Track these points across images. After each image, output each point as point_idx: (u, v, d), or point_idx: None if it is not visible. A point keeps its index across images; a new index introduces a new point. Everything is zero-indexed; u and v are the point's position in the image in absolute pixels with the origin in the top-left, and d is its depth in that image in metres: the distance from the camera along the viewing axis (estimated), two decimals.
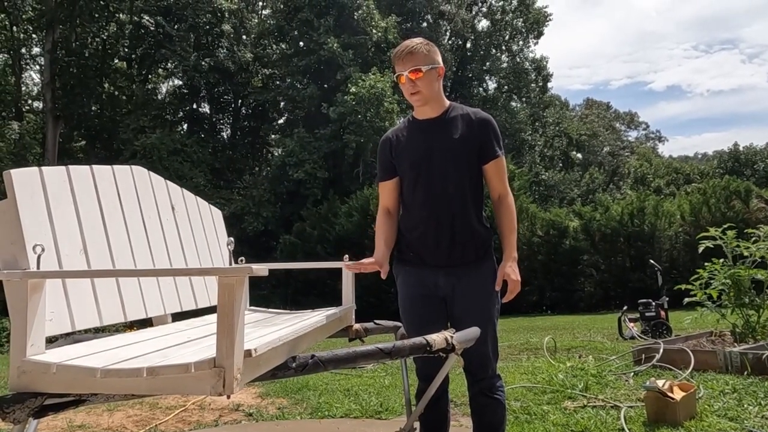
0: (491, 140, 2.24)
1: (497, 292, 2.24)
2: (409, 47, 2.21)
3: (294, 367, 1.62)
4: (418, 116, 2.31)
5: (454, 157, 2.20)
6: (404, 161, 2.28)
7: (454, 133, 2.22)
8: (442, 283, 2.24)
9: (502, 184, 2.27)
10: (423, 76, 2.18)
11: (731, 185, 15.09)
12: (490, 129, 2.25)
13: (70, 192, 1.60)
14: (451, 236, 2.20)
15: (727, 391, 3.67)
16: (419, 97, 2.21)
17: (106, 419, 3.87)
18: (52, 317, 1.41)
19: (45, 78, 21.97)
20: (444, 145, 2.21)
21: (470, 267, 2.23)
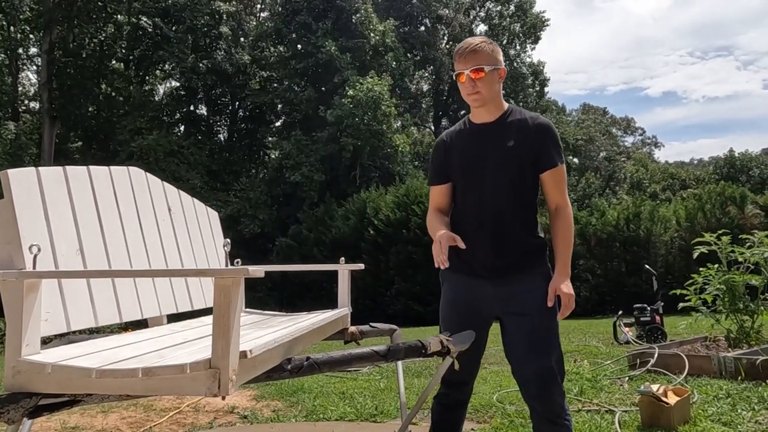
0: (549, 148, 2.11)
1: (555, 305, 2.10)
2: (473, 45, 2.10)
3: (289, 369, 1.62)
4: (474, 119, 2.21)
5: (507, 166, 2.09)
6: (456, 167, 2.19)
7: (508, 140, 2.10)
8: (490, 295, 2.12)
9: (561, 195, 2.14)
10: (484, 77, 2.07)
11: (727, 191, 15.15)
12: (549, 136, 2.12)
13: (67, 192, 1.61)
14: (501, 248, 2.10)
15: (721, 396, 3.68)
16: (478, 98, 2.10)
17: (100, 421, 3.86)
18: (47, 317, 1.41)
19: (42, 78, 21.94)
20: (497, 152, 2.11)
21: (523, 280, 2.11)
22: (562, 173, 2.14)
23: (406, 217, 15.66)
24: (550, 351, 2.07)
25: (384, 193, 17.18)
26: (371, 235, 16.04)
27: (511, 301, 2.09)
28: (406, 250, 15.24)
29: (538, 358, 2.05)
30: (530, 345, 2.07)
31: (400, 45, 24.88)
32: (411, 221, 15.49)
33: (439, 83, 29.45)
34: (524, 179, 2.12)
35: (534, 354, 2.06)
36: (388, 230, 15.79)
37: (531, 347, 2.07)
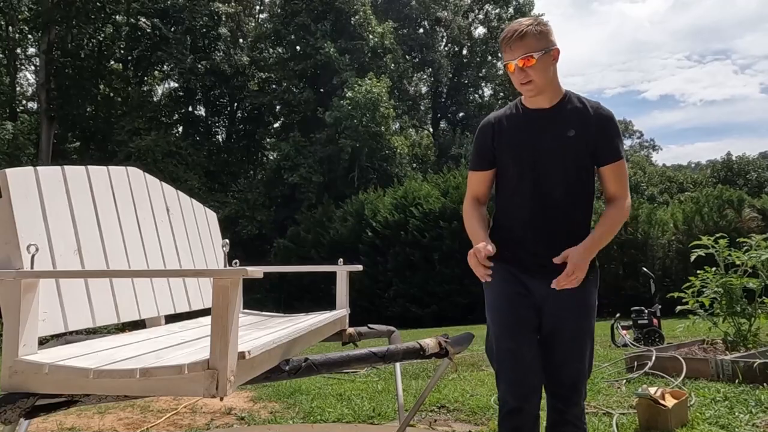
0: (611, 140, 1.96)
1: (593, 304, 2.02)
2: (519, 31, 1.90)
3: (287, 370, 1.62)
4: (528, 104, 2.02)
5: (564, 157, 1.95)
6: (507, 154, 2.02)
7: (567, 130, 1.95)
8: (535, 289, 1.98)
9: (622, 189, 2.00)
10: (536, 63, 1.88)
11: (724, 194, 15.20)
12: (611, 127, 1.98)
13: (65, 192, 1.60)
14: (551, 243, 1.94)
15: (718, 399, 3.68)
16: (532, 87, 1.93)
17: (96, 422, 3.85)
18: (45, 317, 1.41)
19: (40, 78, 21.92)
20: (557, 141, 1.95)
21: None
22: (623, 167, 2.00)
23: (404, 218, 15.66)
24: (585, 354, 1.99)
25: (382, 194, 17.18)
26: (369, 236, 16.04)
27: (554, 295, 1.93)
28: (404, 251, 15.23)
29: (573, 362, 1.96)
30: (567, 348, 1.97)
31: (398, 47, 24.92)
32: (409, 223, 15.48)
33: (438, 85, 29.48)
34: (583, 171, 1.98)
35: (570, 357, 1.96)
36: (386, 232, 15.78)
37: (568, 350, 1.97)
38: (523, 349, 1.95)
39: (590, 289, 2.00)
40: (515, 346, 1.96)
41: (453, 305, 14.13)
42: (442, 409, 3.88)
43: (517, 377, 1.96)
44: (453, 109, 30.08)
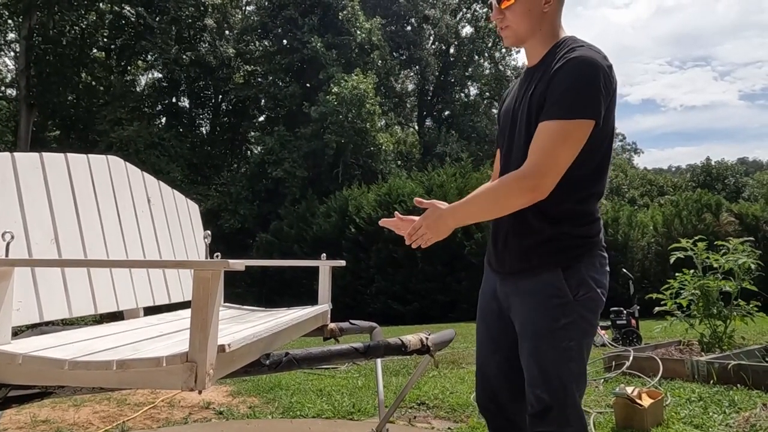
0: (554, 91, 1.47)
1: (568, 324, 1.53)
2: None
3: (268, 365, 1.60)
4: (528, 63, 1.68)
5: (525, 124, 1.55)
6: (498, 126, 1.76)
7: (531, 88, 1.56)
8: (501, 293, 1.67)
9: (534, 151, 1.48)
10: (514, 5, 1.55)
11: (703, 198, 15.43)
12: (563, 74, 1.47)
13: (43, 179, 1.57)
14: (505, 232, 1.60)
15: (693, 399, 3.74)
16: (509, 34, 1.60)
17: (71, 415, 3.79)
18: (19, 307, 1.38)
19: (20, 65, 21.49)
20: (519, 107, 1.60)
21: (528, 278, 1.57)
22: (552, 127, 1.45)
23: (387, 215, 15.51)
24: (547, 382, 1.53)
25: (366, 191, 17.15)
26: (352, 233, 16.01)
27: (512, 307, 1.62)
28: (387, 248, 15.23)
29: (530, 387, 1.55)
30: (525, 367, 1.59)
31: (386, 44, 24.88)
32: None
33: (425, 83, 29.51)
34: None
35: (527, 380, 1.57)
36: (370, 228, 15.76)
37: (525, 370, 1.58)
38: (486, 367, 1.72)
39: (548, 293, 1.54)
40: (480, 362, 1.75)
41: (434, 303, 14.18)
42: (422, 406, 3.89)
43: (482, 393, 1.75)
44: (439, 108, 30.14)
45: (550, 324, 1.53)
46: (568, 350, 1.53)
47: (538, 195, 1.46)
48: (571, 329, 1.53)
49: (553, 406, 1.52)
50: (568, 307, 1.53)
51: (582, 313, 1.54)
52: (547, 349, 1.53)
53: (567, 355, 1.53)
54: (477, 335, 1.77)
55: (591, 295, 1.54)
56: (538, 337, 1.54)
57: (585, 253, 1.57)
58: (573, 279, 1.53)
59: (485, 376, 1.73)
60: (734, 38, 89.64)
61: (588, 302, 1.54)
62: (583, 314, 1.54)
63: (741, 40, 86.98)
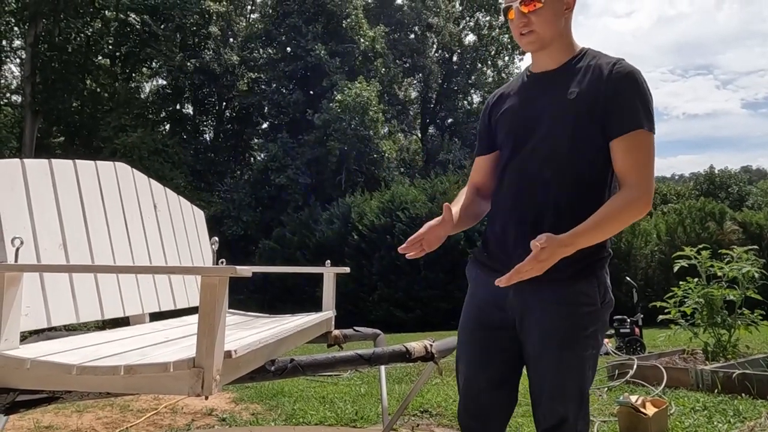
0: (626, 103, 1.46)
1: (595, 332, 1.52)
2: None
3: (273, 371, 1.61)
4: (534, 68, 1.63)
5: (560, 126, 1.50)
6: (502, 129, 1.64)
7: (569, 90, 1.50)
8: (512, 302, 1.56)
9: (635, 170, 1.45)
10: (542, 8, 1.50)
11: (706, 207, 15.41)
12: (630, 87, 1.47)
13: (52, 186, 1.58)
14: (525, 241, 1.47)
15: (697, 408, 3.73)
16: (533, 39, 1.54)
17: (75, 420, 3.79)
18: (27, 312, 1.39)
19: (25, 71, 21.62)
20: (549, 107, 1.53)
21: (554, 287, 1.49)
22: (642, 142, 1.45)
23: (390, 222, 15.66)
24: (567, 395, 1.50)
25: (369, 198, 17.18)
26: (355, 240, 16.02)
27: (531, 310, 1.53)
28: (389, 255, 15.23)
29: (550, 402, 1.51)
30: (542, 380, 1.53)
31: (389, 51, 24.97)
32: (395, 227, 15.49)
33: (428, 91, 29.59)
34: (587, 146, 1.50)
35: (546, 394, 1.52)
36: (372, 235, 15.77)
37: (543, 383, 1.53)
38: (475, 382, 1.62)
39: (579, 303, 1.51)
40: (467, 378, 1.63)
41: (437, 310, 14.16)
42: (424, 414, 3.88)
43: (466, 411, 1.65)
44: (442, 115, 30.20)
45: (579, 333, 1.50)
46: (590, 358, 1.54)
47: (647, 210, 1.49)
48: (594, 337, 1.54)
49: (569, 417, 1.51)
50: (595, 315, 1.53)
51: (604, 320, 1.57)
52: (572, 359, 1.50)
53: (588, 363, 1.53)
54: (463, 348, 1.66)
55: (609, 301, 1.56)
56: (565, 346, 1.49)
57: (606, 259, 1.57)
58: (602, 286, 1.54)
59: (472, 393, 1.62)
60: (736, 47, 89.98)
61: (608, 308, 1.56)
62: (605, 320, 1.57)
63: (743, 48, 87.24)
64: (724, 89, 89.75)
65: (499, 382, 1.61)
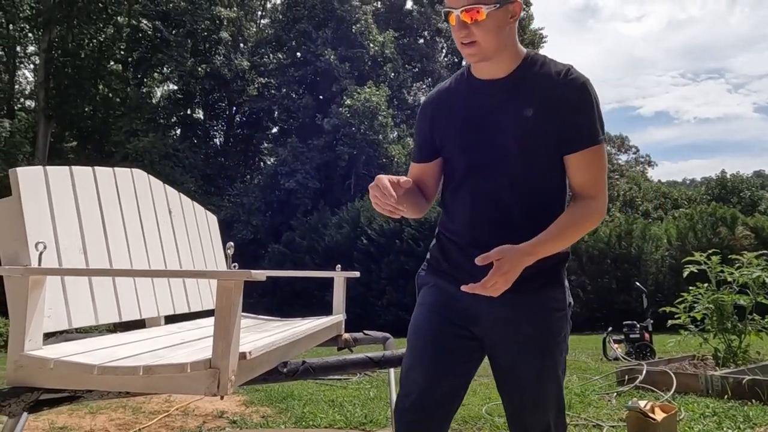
0: (586, 119, 1.44)
1: (565, 335, 1.55)
2: None
3: (285, 372, 1.65)
4: (478, 74, 1.53)
5: (517, 146, 1.46)
6: (451, 141, 1.56)
7: (525, 107, 1.46)
8: (484, 313, 1.52)
9: (592, 183, 1.47)
10: (485, 20, 1.40)
11: (718, 212, 15.30)
12: (582, 99, 1.45)
13: (72, 192, 1.63)
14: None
15: (707, 414, 3.72)
16: (474, 51, 1.44)
17: (88, 422, 3.85)
18: (50, 314, 1.43)
19: (39, 77, 21.91)
20: (510, 124, 1.47)
21: (527, 296, 1.50)
22: (597, 156, 1.45)
23: (399, 227, 15.70)
24: (548, 402, 1.52)
25: None
26: (364, 244, 16.06)
27: (507, 321, 1.51)
28: (398, 260, 15.26)
29: (533, 413, 1.52)
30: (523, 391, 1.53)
31: (398, 56, 25.04)
32: (404, 232, 15.52)
33: None
34: (545, 163, 1.49)
35: (528, 405, 1.53)
36: (381, 240, 15.81)
37: (523, 394, 1.53)
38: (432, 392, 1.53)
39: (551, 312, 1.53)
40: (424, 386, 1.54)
41: None
42: None
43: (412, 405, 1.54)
44: None
45: (555, 338, 1.52)
46: (563, 362, 1.55)
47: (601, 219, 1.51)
48: (566, 340, 1.57)
49: (551, 426, 1.52)
50: (566, 318, 1.56)
51: (570, 323, 1.58)
52: (550, 366, 1.51)
53: (561, 367, 1.55)
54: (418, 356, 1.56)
55: (571, 302, 1.59)
56: (544, 354, 1.50)
57: (567, 261, 1.60)
58: (566, 289, 1.57)
59: (426, 402, 1.52)
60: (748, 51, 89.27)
61: (570, 311, 1.58)
62: (570, 324, 1.58)
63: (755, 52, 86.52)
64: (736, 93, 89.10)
65: (458, 391, 1.58)
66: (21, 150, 21.03)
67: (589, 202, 1.46)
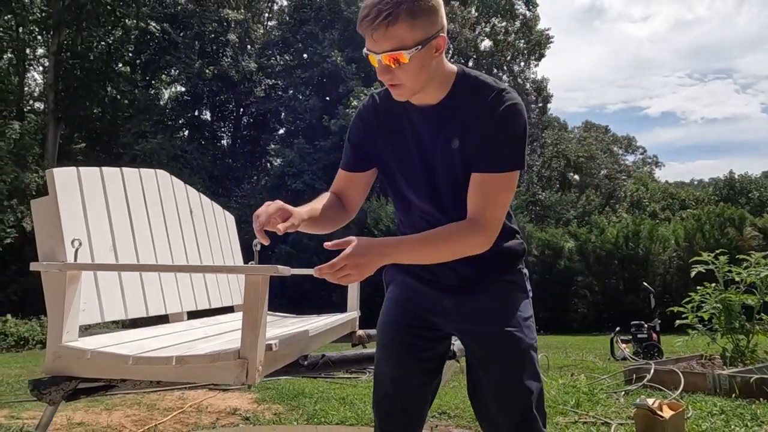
0: (500, 144, 1.41)
1: (531, 318, 1.57)
2: (386, 13, 1.29)
3: (306, 365, 1.71)
4: (413, 100, 1.48)
5: (454, 176, 1.48)
6: (386, 159, 1.57)
7: (453, 137, 1.45)
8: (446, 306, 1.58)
9: (481, 206, 1.43)
10: (408, 63, 1.34)
11: (726, 212, 15.28)
12: (499, 126, 1.41)
13: (103, 192, 1.70)
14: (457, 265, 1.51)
15: (715, 412, 3.75)
16: (402, 92, 1.42)
17: (105, 418, 3.93)
18: (84, 308, 1.50)
19: (48, 79, 22.09)
20: (442, 154, 1.48)
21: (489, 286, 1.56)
22: (499, 182, 1.42)
23: None
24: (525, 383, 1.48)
25: (384, 203, 17.29)
26: None
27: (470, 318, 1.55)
28: None
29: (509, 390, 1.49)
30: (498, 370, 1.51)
31: None
32: None
33: None
34: None
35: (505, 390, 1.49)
36: None
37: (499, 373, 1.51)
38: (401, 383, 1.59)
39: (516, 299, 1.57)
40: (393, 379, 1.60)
41: None
42: (443, 415, 3.96)
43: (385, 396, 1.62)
44: None
45: (522, 321, 1.52)
46: (535, 346, 1.54)
47: (487, 248, 1.46)
48: (533, 323, 1.57)
49: (531, 407, 1.49)
50: (530, 303, 1.60)
51: (532, 311, 1.60)
52: (521, 345, 1.50)
53: (535, 349, 1.54)
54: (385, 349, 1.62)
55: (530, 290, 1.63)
56: (511, 333, 1.50)
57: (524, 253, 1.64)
58: (526, 277, 1.62)
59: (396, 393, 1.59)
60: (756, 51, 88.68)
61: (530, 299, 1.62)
62: (533, 312, 1.60)
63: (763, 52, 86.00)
64: (744, 93, 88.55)
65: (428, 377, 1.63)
66: (30, 152, 21.20)
67: (472, 225, 1.42)
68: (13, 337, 13.84)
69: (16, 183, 17.78)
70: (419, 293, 1.61)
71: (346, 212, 1.67)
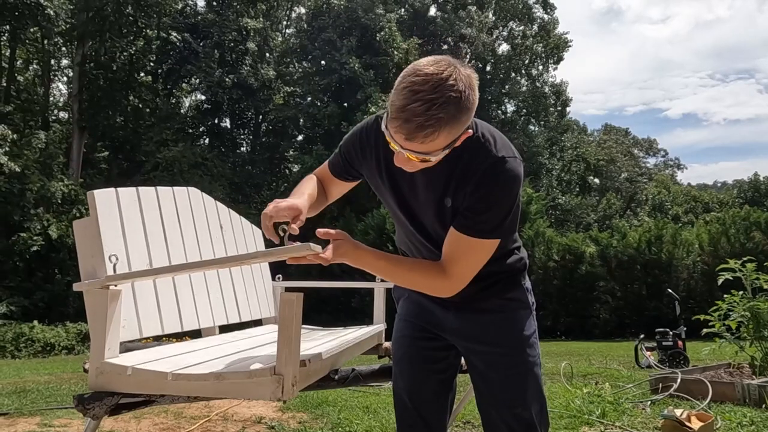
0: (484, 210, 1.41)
1: (534, 333, 1.61)
2: (427, 126, 1.26)
3: (336, 379, 1.74)
4: None
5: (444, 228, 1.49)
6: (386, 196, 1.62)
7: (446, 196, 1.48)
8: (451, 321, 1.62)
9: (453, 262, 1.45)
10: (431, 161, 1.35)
11: (751, 216, 14.99)
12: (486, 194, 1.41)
13: (139, 210, 1.75)
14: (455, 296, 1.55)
15: (744, 423, 3.69)
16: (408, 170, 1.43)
17: (134, 426, 4.00)
18: (125, 324, 1.55)
19: (73, 89, 22.57)
20: (436, 213, 1.51)
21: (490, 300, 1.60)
22: (471, 245, 1.42)
23: None
24: (528, 397, 1.54)
25: None
26: (390, 251, 16.12)
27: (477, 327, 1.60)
28: None
29: (510, 409, 1.54)
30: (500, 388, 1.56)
31: None
32: None
33: None
34: None
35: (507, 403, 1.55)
36: None
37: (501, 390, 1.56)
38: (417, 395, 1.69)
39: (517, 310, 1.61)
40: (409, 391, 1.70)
41: None
42: (467, 425, 3.96)
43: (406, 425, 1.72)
44: None
45: (523, 335, 1.58)
46: (538, 362, 1.60)
47: (449, 295, 1.51)
48: (536, 338, 1.62)
49: (533, 422, 1.54)
50: (532, 317, 1.64)
51: (536, 321, 1.65)
52: (524, 363, 1.55)
53: (538, 365, 1.60)
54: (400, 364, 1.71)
55: (534, 303, 1.66)
56: (514, 352, 1.56)
57: (526, 265, 1.66)
58: (528, 291, 1.65)
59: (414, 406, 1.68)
60: None
61: (535, 309, 1.66)
62: (536, 322, 1.66)
63: None
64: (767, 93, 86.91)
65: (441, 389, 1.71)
66: (56, 161, 21.66)
67: (440, 271, 1.46)
68: (40, 342, 14.13)
69: (42, 192, 18.15)
70: (426, 309, 1.69)
71: (326, 200, 1.80)
